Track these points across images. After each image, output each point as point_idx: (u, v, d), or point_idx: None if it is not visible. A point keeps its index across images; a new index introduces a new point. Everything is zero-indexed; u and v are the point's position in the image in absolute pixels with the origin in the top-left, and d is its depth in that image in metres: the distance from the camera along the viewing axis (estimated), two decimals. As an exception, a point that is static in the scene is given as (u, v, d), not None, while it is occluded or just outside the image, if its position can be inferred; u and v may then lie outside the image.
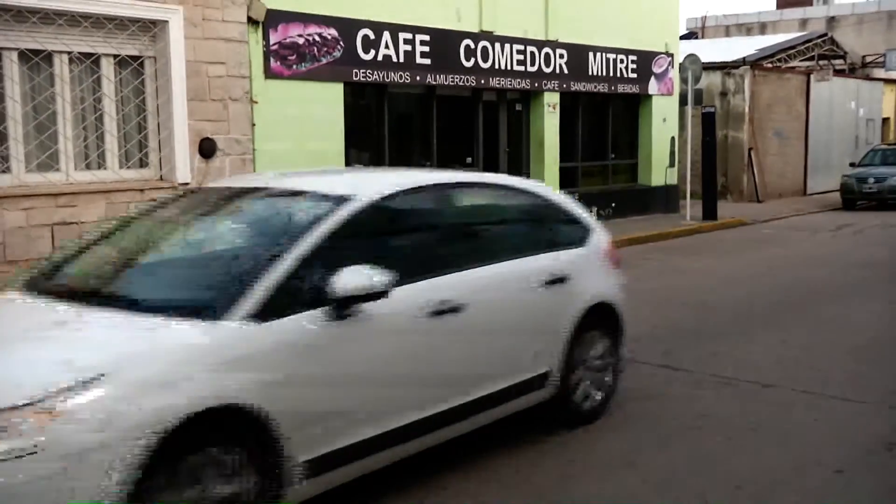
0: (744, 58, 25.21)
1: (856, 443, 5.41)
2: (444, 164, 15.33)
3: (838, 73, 30.34)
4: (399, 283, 4.31)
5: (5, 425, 3.21)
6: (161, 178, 11.10)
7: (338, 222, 4.42)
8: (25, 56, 9.99)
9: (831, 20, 40.47)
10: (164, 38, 10.87)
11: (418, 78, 14.28)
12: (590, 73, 17.64)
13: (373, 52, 13.51)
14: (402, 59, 13.96)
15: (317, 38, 12.70)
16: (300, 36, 12.47)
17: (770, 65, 26.92)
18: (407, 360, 4.54)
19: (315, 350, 4.08)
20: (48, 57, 10.17)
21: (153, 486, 3.44)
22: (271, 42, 12.09)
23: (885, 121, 32.20)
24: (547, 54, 16.61)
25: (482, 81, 15.41)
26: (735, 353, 7.61)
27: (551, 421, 5.64)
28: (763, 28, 41.40)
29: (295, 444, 3.90)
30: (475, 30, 15.23)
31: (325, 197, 4.70)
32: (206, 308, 3.92)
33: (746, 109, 24.03)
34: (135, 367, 3.55)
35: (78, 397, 3.34)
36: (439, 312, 4.65)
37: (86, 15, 10.19)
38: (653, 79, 19.32)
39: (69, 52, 10.30)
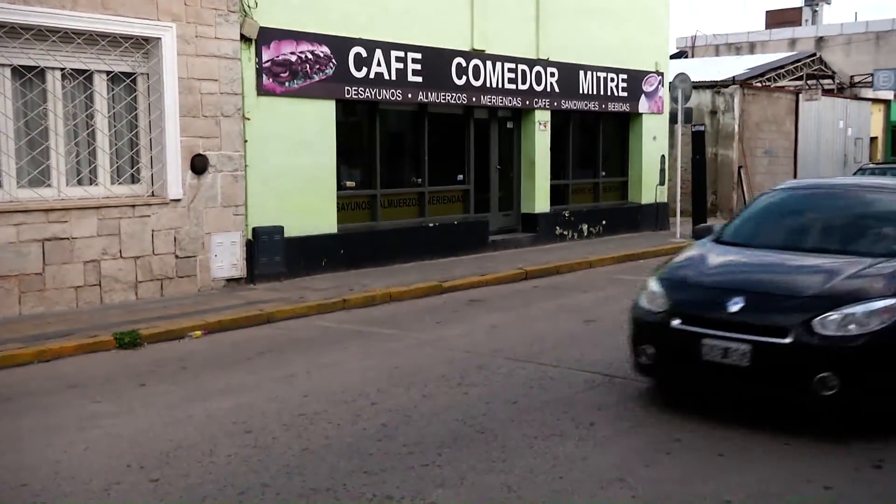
0: (733, 77, 25.42)
1: (844, 460, 5.44)
2: (435, 181, 15.39)
3: (827, 92, 30.59)
4: None
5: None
6: (153, 195, 11.12)
7: None
8: (18, 72, 10.03)
9: (820, 40, 40.85)
10: (156, 54, 10.91)
11: (410, 95, 14.35)
12: (580, 91, 17.76)
13: (365, 69, 13.58)
14: (393, 77, 14.03)
15: (309, 56, 12.76)
16: (292, 53, 12.53)
17: (759, 84, 27.14)
18: None
19: None
20: (41, 73, 10.21)
21: None
22: (264, 59, 12.15)
23: (873, 140, 32.44)
24: (538, 73, 16.72)
25: (473, 99, 15.49)
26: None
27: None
28: (752, 47, 41.74)
29: None
30: (467, 48, 15.32)
31: None
32: None
33: (736, 128, 24.20)
34: None
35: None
36: None
37: (79, 32, 10.23)
38: (643, 97, 19.45)
39: (62, 69, 10.34)
